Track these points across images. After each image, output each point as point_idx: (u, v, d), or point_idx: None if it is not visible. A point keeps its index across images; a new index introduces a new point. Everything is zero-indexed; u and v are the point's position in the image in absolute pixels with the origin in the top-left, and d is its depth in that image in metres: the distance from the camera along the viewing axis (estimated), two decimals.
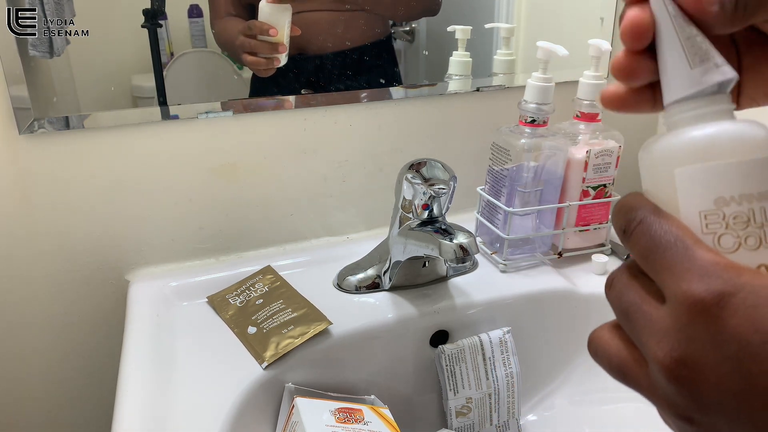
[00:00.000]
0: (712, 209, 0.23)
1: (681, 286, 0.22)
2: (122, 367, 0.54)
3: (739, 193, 0.23)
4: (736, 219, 0.23)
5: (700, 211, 0.23)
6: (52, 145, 0.62)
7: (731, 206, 0.23)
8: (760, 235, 0.23)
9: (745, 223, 0.23)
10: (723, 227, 0.23)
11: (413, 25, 0.74)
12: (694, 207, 0.23)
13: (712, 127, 0.23)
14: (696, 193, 0.23)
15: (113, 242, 0.68)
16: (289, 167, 0.72)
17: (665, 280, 0.23)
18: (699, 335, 0.21)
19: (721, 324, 0.21)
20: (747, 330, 0.20)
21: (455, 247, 0.53)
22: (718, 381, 0.21)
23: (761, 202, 0.23)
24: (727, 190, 0.23)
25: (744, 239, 0.23)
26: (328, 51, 0.69)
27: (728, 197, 0.23)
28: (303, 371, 0.57)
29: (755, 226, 0.23)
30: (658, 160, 0.25)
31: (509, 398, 0.63)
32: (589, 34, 0.79)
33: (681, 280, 0.22)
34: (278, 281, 0.66)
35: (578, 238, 0.72)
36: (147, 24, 0.61)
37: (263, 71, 0.67)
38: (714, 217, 0.23)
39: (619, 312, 0.25)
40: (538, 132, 0.66)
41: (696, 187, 0.23)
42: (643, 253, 0.24)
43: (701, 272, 0.22)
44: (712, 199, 0.23)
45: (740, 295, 0.21)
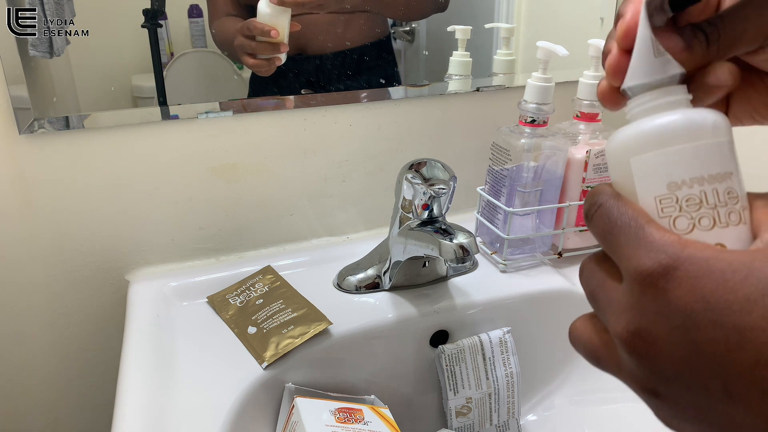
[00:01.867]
0: (665, 194, 0.24)
1: (632, 262, 0.23)
2: (122, 367, 0.54)
3: (690, 177, 0.24)
4: (688, 201, 0.24)
5: (656, 196, 0.25)
6: (52, 145, 0.62)
7: (683, 189, 0.24)
8: (713, 216, 0.24)
9: (698, 205, 0.24)
10: (677, 210, 0.24)
11: (413, 25, 0.74)
12: (649, 193, 0.25)
13: (664, 117, 0.25)
14: (650, 180, 0.25)
15: (113, 242, 0.68)
16: (289, 167, 0.72)
17: (621, 259, 0.24)
18: (649, 307, 0.22)
19: (667, 295, 0.22)
20: (690, 300, 0.21)
21: (455, 247, 0.53)
22: (671, 351, 0.22)
23: (712, 184, 0.24)
24: (678, 175, 0.24)
25: (698, 220, 0.24)
26: (328, 51, 0.69)
27: (680, 181, 0.24)
28: (303, 371, 0.57)
29: (708, 207, 0.24)
30: (618, 150, 0.26)
31: (509, 398, 0.63)
32: (589, 34, 0.80)
33: (632, 256, 0.23)
34: (278, 281, 0.66)
35: (578, 238, 0.72)
36: (147, 24, 0.61)
37: (264, 72, 0.67)
38: (668, 201, 0.24)
39: (588, 295, 0.26)
40: (538, 132, 0.66)
41: (649, 173, 0.25)
42: (602, 234, 0.25)
43: (649, 247, 0.23)
44: (665, 184, 0.24)
45: (684, 266, 0.22)
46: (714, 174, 0.24)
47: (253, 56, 0.65)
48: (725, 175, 0.24)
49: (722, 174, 0.24)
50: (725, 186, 0.24)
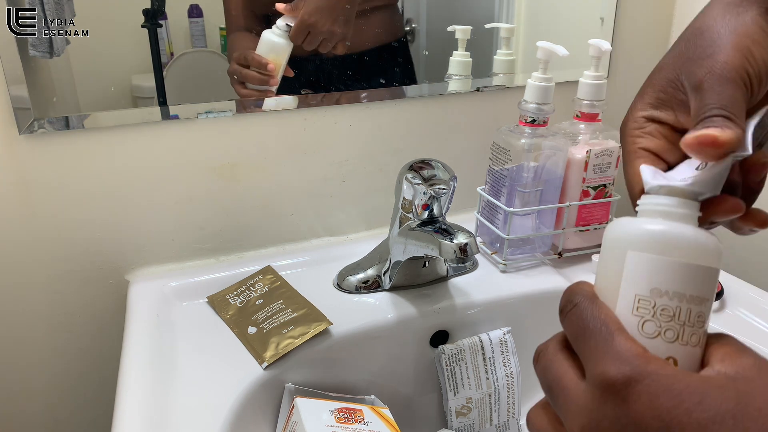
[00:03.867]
0: (646, 296, 0.26)
1: (598, 367, 0.24)
2: (122, 367, 0.54)
3: (674, 290, 0.26)
4: (663, 311, 0.26)
5: (636, 294, 0.26)
6: (52, 145, 0.62)
7: (663, 299, 0.26)
8: (678, 332, 0.25)
9: (670, 318, 0.26)
10: (650, 315, 0.26)
11: (413, 25, 0.74)
12: (632, 289, 0.26)
13: (673, 226, 0.26)
14: (638, 278, 0.26)
15: (113, 242, 0.68)
16: (289, 167, 0.72)
17: (587, 360, 0.25)
18: (607, 415, 0.23)
19: (626, 407, 0.23)
20: (647, 415, 0.22)
21: (455, 247, 0.53)
22: None
23: (689, 304, 0.26)
24: (665, 284, 0.26)
25: (664, 331, 0.26)
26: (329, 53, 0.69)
27: (663, 290, 0.26)
28: (303, 371, 0.57)
29: (677, 322, 0.26)
30: (619, 238, 0.27)
31: (509, 398, 0.63)
32: (589, 34, 0.80)
33: (598, 362, 0.24)
34: (278, 281, 0.66)
35: (578, 238, 0.72)
36: (147, 24, 0.61)
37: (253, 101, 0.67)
38: (645, 303, 0.26)
39: (544, 385, 0.27)
40: (538, 132, 0.66)
41: (640, 272, 0.26)
42: (573, 334, 0.26)
43: (615, 357, 0.24)
44: (649, 288, 0.26)
45: (645, 381, 0.23)
46: (695, 296, 0.26)
47: (244, 86, 0.66)
48: (702, 300, 0.26)
49: (701, 298, 0.26)
50: (699, 310, 0.26)
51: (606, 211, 0.71)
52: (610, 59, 0.86)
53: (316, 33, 0.65)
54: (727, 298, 0.64)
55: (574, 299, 0.27)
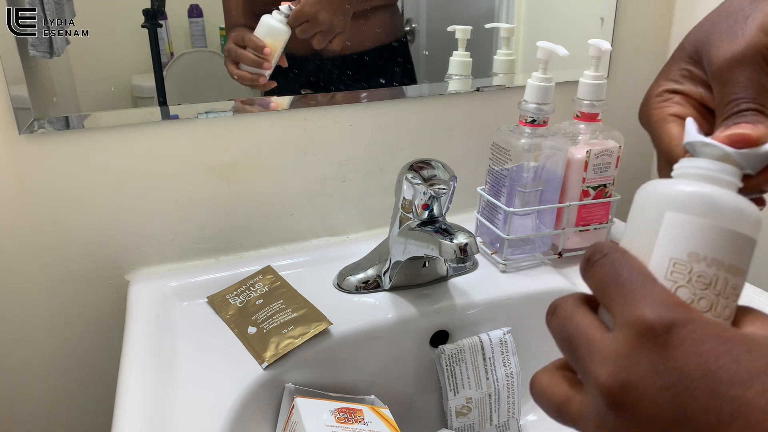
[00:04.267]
0: (683, 260, 0.24)
1: (634, 311, 0.22)
2: (122, 367, 0.54)
3: (714, 257, 0.24)
4: (699, 278, 0.24)
5: (672, 258, 0.24)
6: (52, 145, 0.62)
7: (701, 264, 0.24)
8: (713, 302, 0.24)
9: (705, 285, 0.24)
10: (685, 280, 0.24)
11: (413, 25, 0.74)
12: (667, 252, 0.25)
13: (719, 191, 0.25)
14: (675, 240, 0.24)
15: (113, 242, 0.68)
16: (289, 167, 0.72)
17: (618, 307, 0.23)
18: (643, 361, 0.21)
19: (665, 352, 0.21)
20: (689, 361, 0.20)
21: (455, 247, 0.53)
22: (657, 412, 0.20)
23: (727, 274, 0.24)
24: (704, 249, 0.24)
25: (698, 299, 0.24)
26: (329, 53, 0.69)
27: (702, 255, 0.24)
28: (303, 371, 0.57)
29: (713, 291, 0.24)
30: (656, 197, 0.26)
31: (509, 398, 0.63)
32: (589, 34, 0.79)
33: (635, 307, 0.22)
34: (278, 281, 0.66)
35: (578, 238, 0.72)
36: (147, 24, 0.61)
37: (245, 84, 0.67)
38: (681, 268, 0.24)
39: (561, 339, 0.25)
40: (538, 132, 0.66)
41: (678, 234, 0.24)
42: (602, 280, 0.24)
43: (655, 302, 0.22)
44: (687, 251, 0.24)
45: (689, 327, 0.21)
46: (734, 265, 0.24)
47: (237, 65, 0.65)
48: (740, 272, 0.24)
49: (739, 269, 0.24)
50: (735, 281, 0.24)
51: (606, 211, 0.71)
52: (610, 59, 0.86)
53: (314, 23, 0.65)
54: None
55: (604, 250, 0.25)
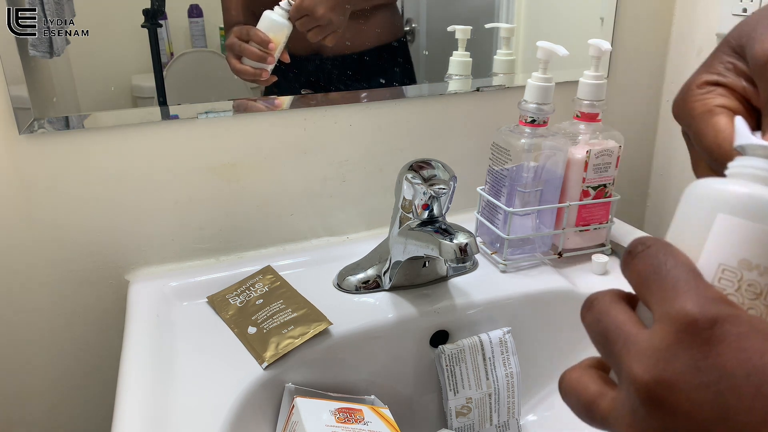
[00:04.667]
0: (733, 267, 0.23)
1: (675, 304, 0.21)
2: (122, 367, 0.54)
3: (766, 265, 0.22)
4: (750, 287, 0.22)
5: (721, 264, 0.23)
6: (52, 145, 0.62)
7: (752, 273, 0.22)
8: (762, 313, 0.22)
9: (756, 295, 0.22)
10: (734, 288, 0.23)
11: (413, 25, 0.74)
12: (716, 256, 0.23)
13: None
14: (726, 245, 0.23)
15: (113, 242, 0.68)
16: (289, 167, 0.72)
17: (658, 301, 0.22)
18: (682, 356, 0.20)
19: (707, 348, 0.20)
20: (733, 358, 0.19)
21: (455, 247, 0.53)
22: (696, 411, 0.19)
23: None
24: (757, 257, 0.22)
25: (746, 310, 0.22)
26: (328, 52, 0.69)
27: (754, 263, 0.22)
28: (303, 371, 0.57)
29: (763, 302, 0.22)
30: (708, 197, 0.24)
31: (509, 398, 0.63)
32: (589, 34, 0.79)
33: (676, 300, 0.21)
34: (278, 281, 0.66)
35: (578, 238, 0.72)
36: (147, 24, 0.61)
37: (247, 79, 0.66)
38: (730, 275, 0.23)
39: (596, 334, 0.24)
40: (538, 132, 0.66)
41: (730, 238, 0.23)
42: (644, 273, 0.23)
43: (699, 296, 0.21)
44: (738, 258, 0.23)
45: (736, 322, 0.20)
46: None
47: (240, 60, 0.65)
48: None
49: None
50: None
51: (606, 211, 0.71)
52: (610, 59, 0.86)
53: (313, 17, 0.65)
54: None
55: (647, 242, 0.24)
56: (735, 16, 0.77)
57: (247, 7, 0.65)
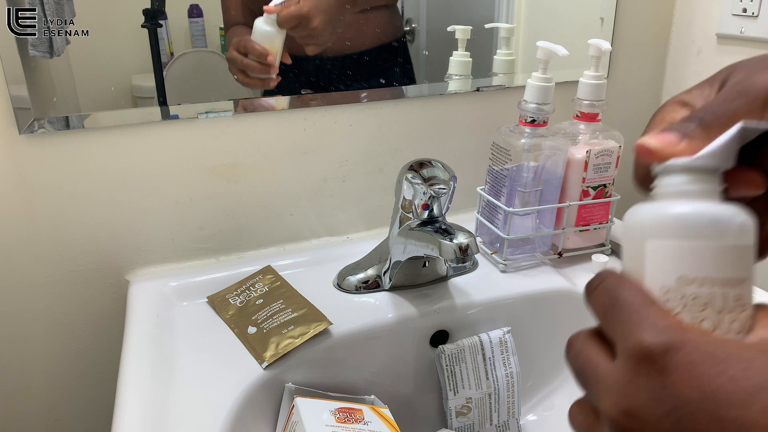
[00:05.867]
0: (673, 286, 0.23)
1: (631, 338, 0.22)
2: (122, 367, 0.54)
3: (703, 275, 0.23)
4: (695, 300, 0.23)
5: (662, 286, 0.24)
6: (52, 145, 0.62)
7: (692, 287, 0.23)
8: (715, 321, 0.23)
9: (703, 306, 0.23)
10: (680, 306, 0.23)
11: (413, 25, 0.74)
12: (657, 281, 0.24)
13: (691, 206, 0.24)
14: (661, 268, 0.24)
15: (113, 242, 0.68)
16: (289, 167, 0.72)
17: (618, 334, 0.23)
18: (643, 388, 0.21)
19: (664, 377, 0.21)
20: (687, 386, 0.20)
21: (455, 247, 0.53)
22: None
23: (724, 288, 0.23)
24: (691, 270, 0.23)
25: (699, 321, 0.23)
26: (328, 52, 0.69)
27: (691, 277, 0.23)
28: (303, 371, 0.57)
29: (713, 310, 0.23)
30: (636, 227, 0.25)
31: (509, 398, 0.63)
32: (589, 34, 0.79)
33: (632, 332, 0.22)
34: (278, 281, 0.66)
35: (578, 238, 0.72)
36: (147, 24, 0.61)
37: (258, 89, 0.67)
38: (674, 294, 0.23)
39: (575, 372, 0.26)
40: (538, 132, 0.66)
41: (662, 261, 0.24)
42: (602, 308, 0.24)
43: (651, 326, 0.22)
44: (675, 276, 0.23)
45: (685, 349, 0.21)
46: (728, 278, 0.23)
47: (246, 74, 0.66)
48: (739, 281, 0.23)
49: (736, 279, 0.23)
50: (736, 292, 0.23)
51: (606, 211, 0.71)
52: (610, 59, 0.86)
53: (308, 27, 0.65)
54: None
55: (603, 276, 0.25)
56: (735, 16, 0.77)
57: (246, 7, 0.65)
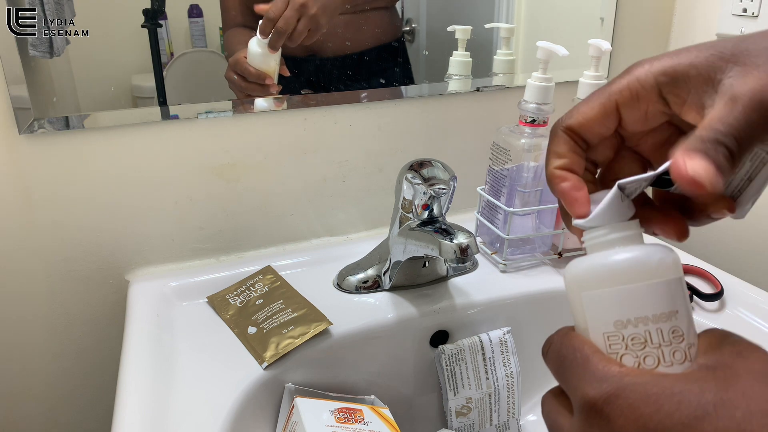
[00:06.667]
0: (612, 331, 0.25)
1: (578, 392, 0.24)
2: (122, 367, 0.54)
3: (635, 316, 0.25)
4: (633, 340, 0.25)
5: (604, 333, 0.25)
6: (52, 145, 0.62)
7: (629, 328, 0.25)
8: (657, 355, 0.25)
9: (642, 344, 0.25)
10: (623, 348, 0.25)
11: (413, 25, 0.74)
12: (599, 328, 0.26)
13: (615, 254, 0.26)
14: (599, 316, 0.26)
15: (113, 242, 0.68)
16: (289, 167, 0.72)
17: (569, 390, 0.25)
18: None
19: (611, 424, 0.22)
20: (631, 428, 0.22)
21: (455, 247, 0.53)
22: None
23: (657, 324, 0.25)
24: (624, 314, 0.25)
25: (643, 359, 0.25)
26: (328, 52, 0.69)
27: (625, 320, 0.25)
28: (303, 371, 0.57)
29: (652, 346, 0.25)
30: (572, 283, 0.27)
31: (509, 398, 0.63)
32: (589, 34, 0.80)
33: (578, 387, 0.24)
34: (278, 281, 0.66)
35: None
36: (147, 24, 0.61)
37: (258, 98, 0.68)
38: (615, 338, 0.25)
39: (548, 428, 0.28)
40: (538, 132, 0.66)
41: (598, 310, 0.26)
42: (554, 369, 0.27)
43: (592, 378, 0.24)
44: (612, 322, 0.25)
45: (623, 394, 0.22)
46: (658, 314, 0.25)
47: (245, 93, 0.67)
48: (670, 314, 0.25)
49: (667, 313, 0.25)
50: (670, 325, 0.25)
51: None
52: (610, 59, 0.86)
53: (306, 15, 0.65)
54: (727, 298, 0.64)
55: (551, 338, 0.28)
56: (735, 16, 0.77)
57: (246, 6, 0.65)
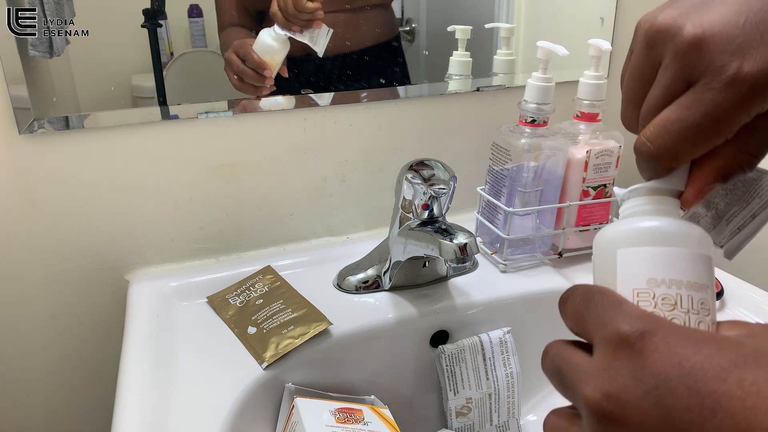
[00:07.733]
0: (644, 288, 0.26)
1: (608, 327, 0.24)
2: (122, 367, 0.54)
3: (670, 278, 0.25)
4: (664, 300, 0.25)
5: (634, 289, 0.26)
6: (52, 145, 0.62)
7: (661, 288, 0.25)
8: (684, 320, 0.25)
9: (672, 306, 0.25)
10: (652, 306, 0.25)
11: (413, 25, 0.74)
12: (629, 284, 0.26)
13: (657, 219, 0.27)
14: (632, 272, 0.26)
15: (113, 242, 0.68)
16: (289, 167, 0.72)
17: (594, 329, 0.25)
18: (622, 371, 0.22)
19: (642, 358, 0.22)
20: (666, 364, 0.21)
21: (455, 247, 0.53)
22: (643, 418, 0.21)
23: (689, 291, 0.25)
24: (659, 273, 0.26)
25: (669, 320, 0.25)
26: (328, 52, 0.69)
27: (659, 279, 0.26)
28: (303, 371, 0.57)
29: (681, 310, 0.25)
30: (606, 242, 0.28)
31: (509, 398, 0.63)
32: (589, 34, 0.79)
33: (609, 324, 0.24)
34: (278, 281, 0.66)
35: (578, 238, 0.72)
36: (147, 24, 0.61)
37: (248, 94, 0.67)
38: (645, 296, 0.26)
39: (551, 374, 0.27)
40: (538, 132, 0.66)
41: (632, 266, 0.26)
42: (576, 311, 0.26)
43: (627, 316, 0.23)
44: (645, 279, 0.26)
45: (660, 332, 0.22)
46: (693, 282, 0.26)
47: (240, 78, 0.66)
48: (702, 287, 0.26)
49: (700, 284, 0.26)
50: (700, 296, 0.25)
51: (606, 211, 0.71)
52: (610, 59, 0.86)
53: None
54: (727, 298, 0.64)
55: (574, 286, 0.27)
56: None
57: (242, 6, 0.65)
